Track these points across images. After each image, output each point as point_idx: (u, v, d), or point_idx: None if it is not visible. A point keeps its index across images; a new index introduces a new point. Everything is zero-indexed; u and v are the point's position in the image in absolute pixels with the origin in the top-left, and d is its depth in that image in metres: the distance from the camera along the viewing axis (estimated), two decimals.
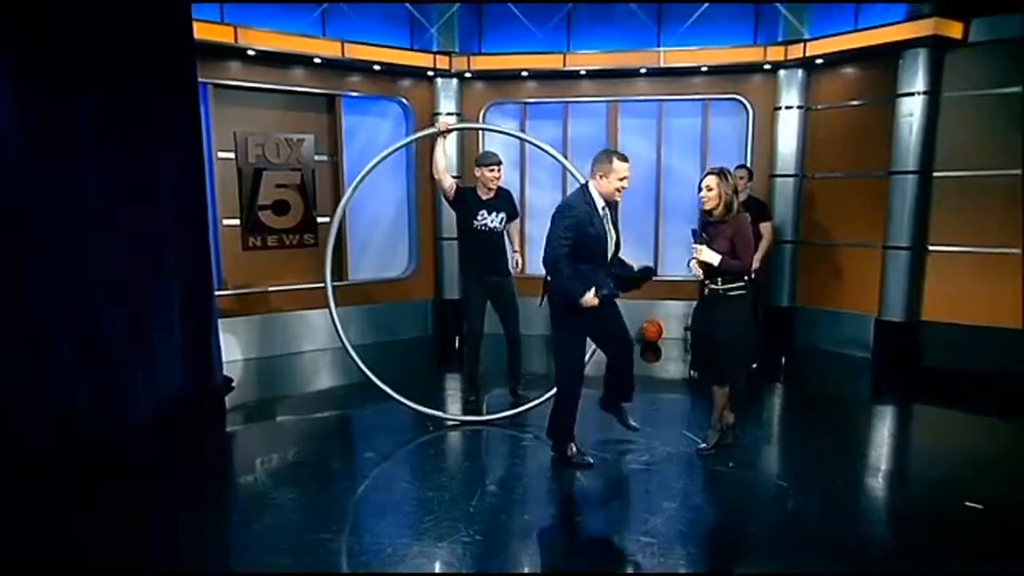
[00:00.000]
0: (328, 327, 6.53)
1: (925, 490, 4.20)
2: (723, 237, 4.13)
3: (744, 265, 4.16)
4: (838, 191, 7.09)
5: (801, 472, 4.37)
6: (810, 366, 6.92)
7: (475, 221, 5.02)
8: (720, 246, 4.13)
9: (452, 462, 4.60)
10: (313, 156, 7.15)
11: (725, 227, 4.13)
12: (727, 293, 4.19)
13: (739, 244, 4.13)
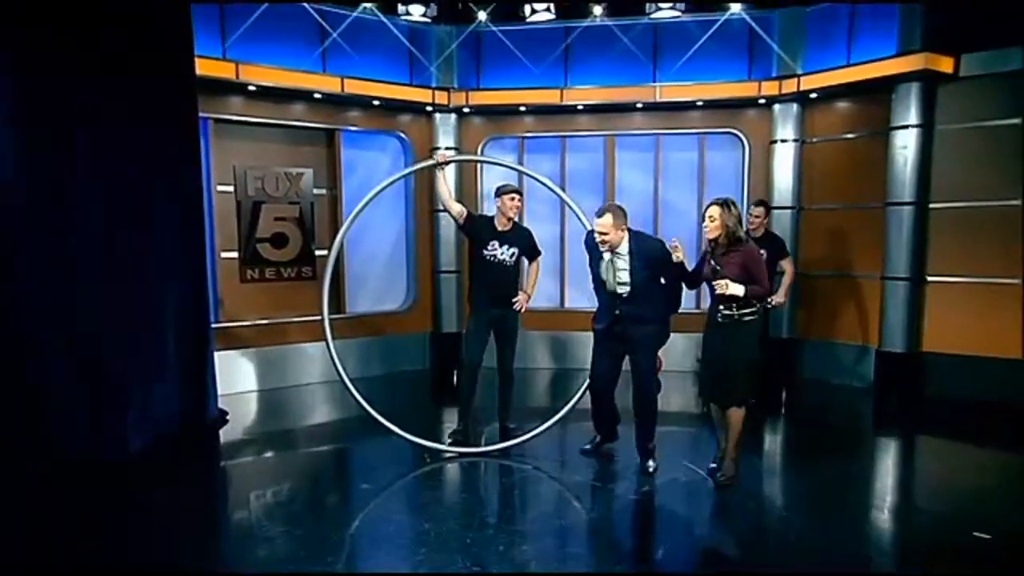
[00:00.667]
0: (326, 360, 6.42)
1: (931, 521, 4.14)
2: (733, 264, 4.17)
3: (766, 288, 4.20)
4: (835, 223, 7.11)
5: (804, 503, 4.31)
6: (811, 397, 6.87)
7: (485, 251, 5.01)
8: (732, 273, 4.15)
9: (449, 494, 4.55)
10: (312, 189, 7.18)
11: (735, 255, 4.17)
12: (742, 318, 4.20)
13: (754, 269, 4.17)
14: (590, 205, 7.31)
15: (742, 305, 4.18)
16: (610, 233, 4.37)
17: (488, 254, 5.01)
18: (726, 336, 4.25)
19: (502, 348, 5.19)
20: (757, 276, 4.17)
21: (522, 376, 5.53)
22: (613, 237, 4.39)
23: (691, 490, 4.46)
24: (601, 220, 4.38)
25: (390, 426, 4.83)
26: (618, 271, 4.43)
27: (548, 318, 7.76)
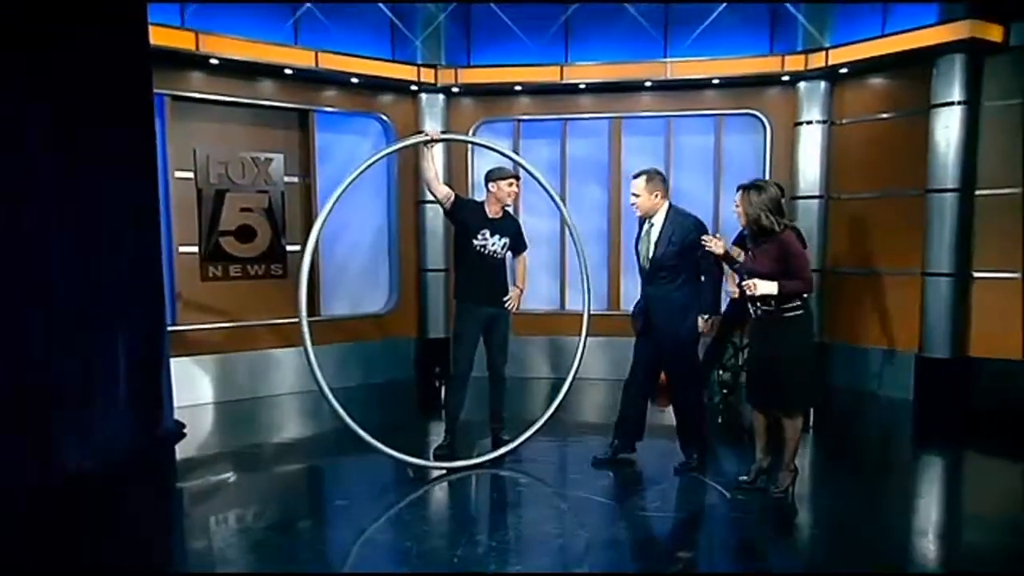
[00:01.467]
0: (298, 368, 6.69)
1: (984, 553, 3.88)
2: (766, 257, 4.10)
3: (806, 281, 4.07)
4: (869, 213, 6.99)
5: (839, 528, 4.10)
6: (843, 409, 6.73)
7: (474, 240, 4.92)
8: (764, 267, 4.08)
9: (435, 511, 4.48)
10: (282, 177, 7.05)
11: (768, 246, 4.10)
12: (783, 315, 4.11)
13: (790, 261, 4.06)
14: (593, 195, 7.77)
15: (782, 300, 4.08)
16: (642, 196, 4.56)
17: (478, 244, 4.93)
18: (771, 334, 4.17)
19: (494, 352, 5.12)
20: (794, 269, 4.05)
21: (517, 386, 5.50)
22: (644, 202, 4.58)
23: (709, 507, 4.34)
24: (635, 182, 4.61)
25: (369, 439, 4.63)
26: (651, 242, 4.59)
27: (546, 322, 7.62)
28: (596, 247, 7.45)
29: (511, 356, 5.28)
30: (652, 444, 5.03)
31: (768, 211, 4.08)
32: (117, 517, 4.26)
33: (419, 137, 4.88)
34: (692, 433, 4.72)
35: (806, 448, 5.55)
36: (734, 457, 5.14)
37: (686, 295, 4.59)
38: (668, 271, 4.57)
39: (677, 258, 4.54)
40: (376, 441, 4.65)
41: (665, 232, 4.57)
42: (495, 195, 4.94)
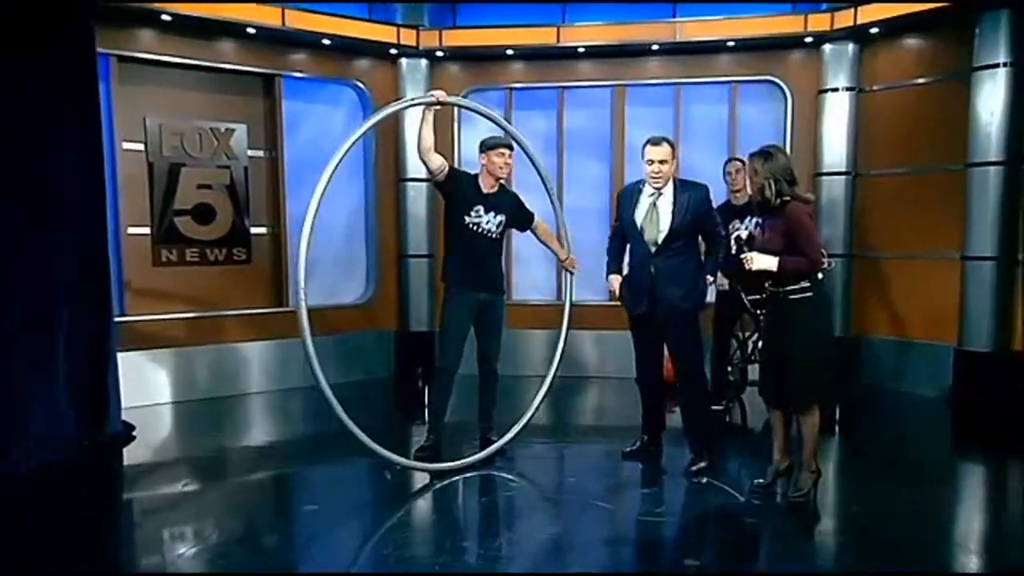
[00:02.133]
0: (265, 363, 6.83)
1: None
2: (774, 231, 4.11)
3: (811, 260, 4.01)
4: (902, 190, 6.86)
5: (866, 537, 3.93)
6: (872, 410, 6.61)
7: (466, 217, 4.87)
8: (771, 243, 4.08)
9: (418, 516, 4.45)
10: (245, 150, 6.93)
11: (776, 218, 4.10)
12: (788, 296, 4.08)
13: (798, 236, 4.01)
14: (593, 172, 7.68)
15: (787, 281, 4.06)
16: (668, 163, 4.55)
17: (470, 222, 4.88)
18: (778, 319, 4.16)
19: (486, 342, 5.08)
20: (799, 244, 4.00)
21: (509, 385, 5.44)
22: (669, 170, 4.58)
23: (719, 512, 4.28)
24: (659, 148, 4.56)
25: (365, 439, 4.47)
26: (660, 213, 4.57)
27: (541, 314, 7.38)
28: (596, 229, 7.22)
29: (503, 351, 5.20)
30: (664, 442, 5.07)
31: (775, 180, 4.03)
32: (53, 528, 4.11)
33: (428, 97, 4.78)
34: (700, 429, 4.76)
35: (830, 450, 5.39)
36: (750, 458, 5.11)
37: (696, 266, 4.70)
38: (683, 241, 4.60)
39: (690, 227, 4.60)
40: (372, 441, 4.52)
41: (680, 201, 4.59)
42: (486, 167, 4.91)
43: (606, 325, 7.05)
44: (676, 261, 4.60)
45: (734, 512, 4.20)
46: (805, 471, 4.22)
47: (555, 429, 5.85)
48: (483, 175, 4.91)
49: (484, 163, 4.89)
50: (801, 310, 4.06)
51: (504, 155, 4.88)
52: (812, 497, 4.19)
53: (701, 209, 4.60)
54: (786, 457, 4.32)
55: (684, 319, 4.62)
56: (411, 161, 7.26)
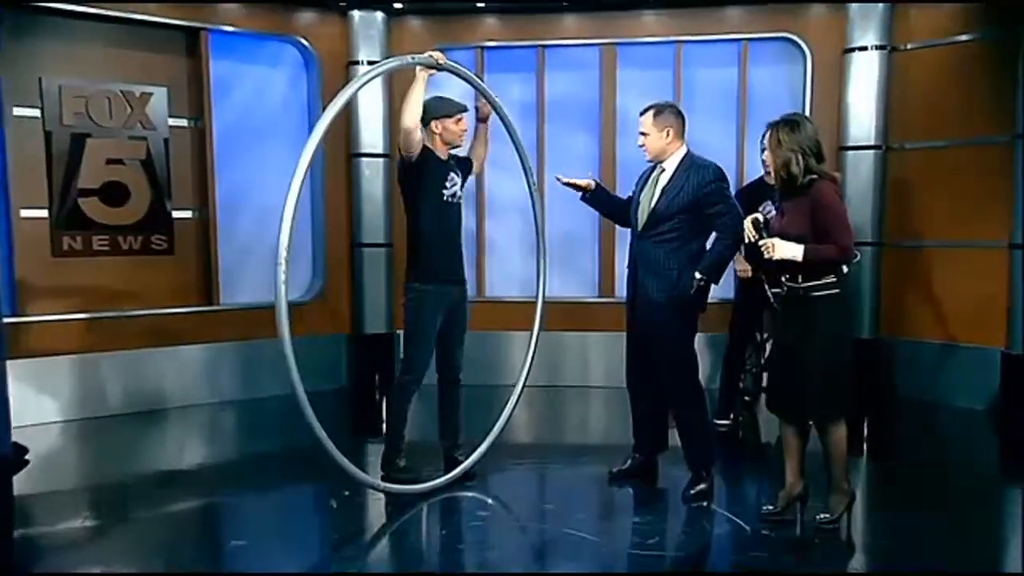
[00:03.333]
0: (190, 371, 6.74)
1: None
2: (797, 213, 4.07)
3: (841, 248, 3.99)
4: (940, 167, 6.78)
5: None
6: (905, 426, 6.59)
7: (444, 191, 4.90)
8: (792, 227, 4.05)
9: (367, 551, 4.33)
10: (165, 119, 6.74)
11: (801, 200, 4.06)
12: (810, 293, 4.04)
13: (828, 220, 3.99)
14: (579, 145, 7.58)
15: (809, 274, 4.03)
16: (650, 134, 4.61)
17: (448, 195, 4.92)
18: (795, 319, 4.12)
19: (453, 347, 5.05)
20: (829, 229, 3.98)
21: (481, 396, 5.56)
22: (653, 142, 4.62)
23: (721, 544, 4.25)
24: (642, 118, 4.67)
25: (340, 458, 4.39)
26: (656, 189, 4.64)
27: (520, 313, 6.92)
28: (582, 214, 6.89)
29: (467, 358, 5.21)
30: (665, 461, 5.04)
31: (803, 155, 4.00)
32: None
33: (425, 56, 4.66)
34: (695, 444, 4.75)
35: (857, 473, 5.28)
36: (760, 480, 5.17)
37: (689, 258, 4.59)
38: (671, 226, 4.57)
39: (686, 212, 4.55)
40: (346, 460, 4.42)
41: (678, 178, 4.60)
42: (440, 137, 4.88)
43: (596, 325, 7.04)
44: (662, 249, 4.60)
45: (740, 545, 4.15)
46: (836, 492, 4.18)
47: (535, 448, 5.83)
48: (436, 144, 4.88)
49: (437, 132, 4.86)
50: (825, 309, 4.02)
51: (463, 121, 4.91)
52: (845, 524, 4.15)
53: (703, 190, 4.53)
54: (800, 480, 4.26)
55: (658, 315, 4.60)
56: (365, 133, 7.18)
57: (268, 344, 6.36)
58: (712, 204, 4.51)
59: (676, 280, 4.55)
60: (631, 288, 4.75)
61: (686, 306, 4.55)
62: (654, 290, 4.57)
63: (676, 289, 4.54)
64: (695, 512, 4.50)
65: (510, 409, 5.23)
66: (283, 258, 4.13)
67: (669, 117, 4.61)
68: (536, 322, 5.28)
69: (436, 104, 4.87)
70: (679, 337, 4.61)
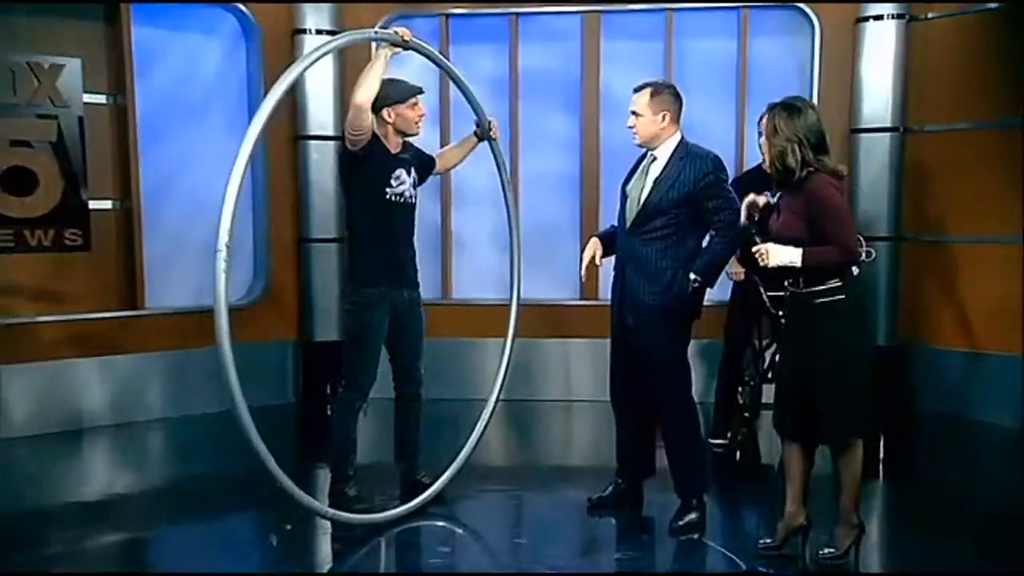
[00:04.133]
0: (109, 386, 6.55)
1: None
2: (793, 211, 4.04)
3: (844, 248, 3.95)
4: (964, 152, 6.69)
5: None
6: (928, 444, 6.57)
7: (388, 188, 4.85)
8: (788, 228, 4.02)
9: None
10: (80, 95, 6.52)
11: (795, 196, 4.04)
12: (814, 300, 4.01)
13: (824, 218, 3.97)
14: (556, 128, 7.48)
15: (811, 278, 4.01)
16: (644, 116, 4.52)
17: (392, 193, 4.87)
18: (803, 329, 4.10)
19: (411, 356, 5.04)
20: (826, 228, 3.95)
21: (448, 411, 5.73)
22: (646, 125, 4.54)
23: None
24: (635, 96, 4.58)
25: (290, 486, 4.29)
26: (647, 180, 4.57)
27: (491, 318, 6.93)
28: (561, 203, 7.23)
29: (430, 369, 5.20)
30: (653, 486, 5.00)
31: (800, 145, 3.95)
32: None
33: (390, 32, 4.69)
34: (686, 468, 4.72)
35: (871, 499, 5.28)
36: (757, 509, 5.20)
37: (685, 257, 4.56)
38: (664, 222, 4.51)
39: (681, 206, 4.50)
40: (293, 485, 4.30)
41: (672, 168, 4.53)
42: (393, 125, 4.84)
43: (577, 331, 6.95)
44: (654, 247, 4.56)
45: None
46: (844, 524, 4.17)
47: (507, 470, 5.81)
48: (387, 135, 4.85)
49: (390, 120, 4.83)
50: (830, 316, 4.01)
51: (419, 105, 4.88)
52: (852, 560, 4.13)
53: (700, 183, 4.48)
54: (802, 510, 4.22)
55: (651, 321, 4.55)
56: (314, 111, 7.03)
57: (203, 353, 6.47)
58: (710, 198, 4.46)
59: (670, 281, 4.51)
60: (618, 291, 4.70)
61: (680, 311, 4.52)
62: (646, 293, 4.52)
63: (670, 292, 4.51)
64: (684, 546, 4.48)
65: (482, 427, 5.20)
66: (224, 243, 4.02)
67: (667, 99, 4.55)
68: (510, 328, 5.26)
69: (388, 88, 4.83)
70: (672, 346, 4.58)
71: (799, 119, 3.95)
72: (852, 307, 4.05)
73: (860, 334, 4.17)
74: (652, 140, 4.56)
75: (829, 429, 4.11)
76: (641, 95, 4.58)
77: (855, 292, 4.06)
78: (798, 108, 3.99)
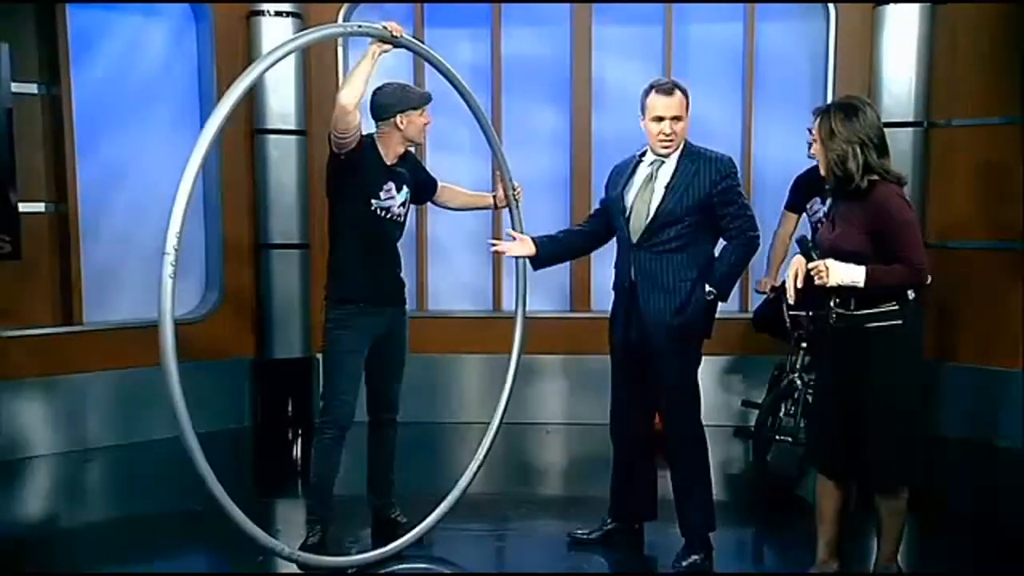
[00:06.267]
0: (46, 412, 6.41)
1: None
2: (852, 223, 3.93)
3: (914, 269, 3.84)
4: (994, 149, 6.57)
5: None
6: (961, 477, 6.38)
7: (375, 200, 4.81)
8: (847, 241, 3.90)
9: None
10: (9, 85, 6.25)
11: (856, 206, 3.93)
12: (865, 324, 3.89)
13: (896, 233, 3.86)
14: (543, 122, 7.39)
15: (866, 300, 3.88)
16: (684, 121, 4.47)
17: (379, 206, 4.82)
18: (850, 359, 3.97)
19: (388, 379, 5.03)
20: (898, 245, 3.84)
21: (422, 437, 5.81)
22: (684, 129, 4.50)
23: None
24: (671, 100, 4.45)
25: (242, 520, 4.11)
26: (657, 189, 4.49)
27: (472, 331, 7.03)
28: (549, 204, 7.05)
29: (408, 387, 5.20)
30: None
31: (862, 147, 3.84)
32: None
33: (379, 26, 4.57)
34: (695, 505, 4.66)
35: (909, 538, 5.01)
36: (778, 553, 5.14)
37: (697, 271, 4.50)
38: (679, 231, 4.43)
39: (695, 213, 4.44)
40: None
41: (684, 171, 4.45)
42: (403, 134, 4.78)
43: (568, 347, 6.84)
44: (670, 260, 4.48)
45: None
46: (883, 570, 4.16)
47: (491, 504, 5.63)
48: (388, 143, 4.80)
49: (402, 127, 4.77)
50: (885, 344, 3.88)
51: (426, 113, 4.84)
52: None
53: (716, 188, 4.42)
54: (835, 558, 4.17)
55: (672, 343, 4.47)
56: (274, 103, 6.91)
57: (148, 373, 6.18)
58: (727, 203, 4.41)
59: (690, 295, 4.45)
60: (622, 310, 4.62)
61: (698, 328, 4.46)
62: (665, 312, 4.43)
63: (689, 306, 4.45)
64: None
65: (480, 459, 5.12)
66: (172, 245, 3.85)
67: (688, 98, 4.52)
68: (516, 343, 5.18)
69: (401, 94, 4.82)
70: (687, 366, 4.52)
71: (859, 119, 3.89)
72: (909, 334, 3.94)
73: (915, 365, 4.08)
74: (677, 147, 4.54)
75: (880, 475, 4.03)
76: (677, 97, 4.48)
77: (912, 318, 3.94)
78: (856, 107, 3.93)
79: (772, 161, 6.55)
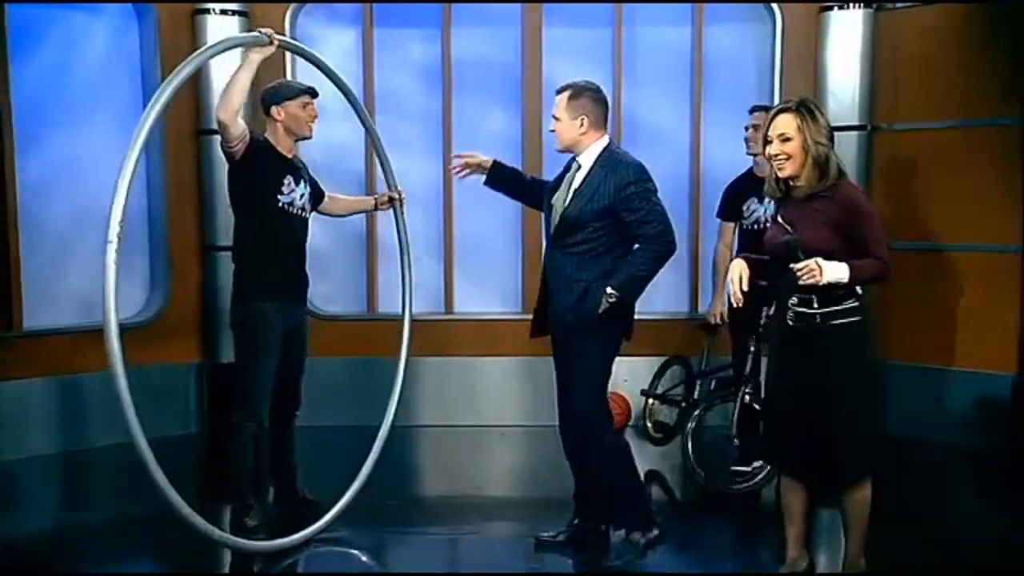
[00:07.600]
0: None
1: None
2: (818, 223, 3.97)
3: (884, 264, 3.95)
4: (938, 153, 6.68)
5: None
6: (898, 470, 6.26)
7: (280, 196, 4.93)
8: (820, 239, 3.94)
9: None
10: None
11: (823, 205, 3.99)
12: (829, 321, 3.94)
13: (866, 231, 3.95)
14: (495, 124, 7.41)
15: (830, 298, 3.94)
16: (562, 120, 4.59)
17: (284, 203, 4.98)
18: (809, 358, 4.03)
19: (293, 374, 5.23)
20: (869, 241, 3.94)
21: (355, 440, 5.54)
22: (564, 130, 4.60)
23: None
24: (556, 98, 4.65)
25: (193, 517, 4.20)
26: (569, 191, 4.64)
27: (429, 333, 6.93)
28: (499, 212, 7.07)
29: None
30: None
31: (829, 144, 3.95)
32: None
33: (255, 34, 4.67)
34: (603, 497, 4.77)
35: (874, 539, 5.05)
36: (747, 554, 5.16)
37: (596, 273, 4.57)
38: (585, 235, 4.54)
39: (602, 218, 4.53)
40: None
41: (594, 177, 4.56)
42: (283, 123, 4.97)
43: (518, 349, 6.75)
44: (572, 260, 4.60)
45: None
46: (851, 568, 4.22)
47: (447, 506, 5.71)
48: (276, 137, 4.98)
49: (280, 119, 4.96)
50: (848, 341, 3.94)
51: (311, 106, 5.01)
52: None
53: (620, 194, 4.49)
54: (805, 554, 4.24)
55: (568, 338, 4.62)
56: None
57: (87, 379, 6.57)
58: (631, 211, 4.46)
59: (583, 295, 4.52)
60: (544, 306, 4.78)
61: (595, 326, 4.49)
62: (564, 308, 4.57)
63: (582, 306, 4.52)
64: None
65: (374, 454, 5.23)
66: (115, 233, 3.88)
67: (586, 103, 4.55)
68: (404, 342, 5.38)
69: (275, 87, 5.02)
70: (581, 364, 4.59)
71: (821, 119, 3.94)
72: (866, 331, 4.03)
73: (872, 361, 4.18)
74: (572, 146, 4.59)
75: (846, 468, 4.06)
76: (561, 98, 4.60)
77: (867, 314, 4.02)
78: (815, 108, 3.98)
79: (721, 162, 6.58)
